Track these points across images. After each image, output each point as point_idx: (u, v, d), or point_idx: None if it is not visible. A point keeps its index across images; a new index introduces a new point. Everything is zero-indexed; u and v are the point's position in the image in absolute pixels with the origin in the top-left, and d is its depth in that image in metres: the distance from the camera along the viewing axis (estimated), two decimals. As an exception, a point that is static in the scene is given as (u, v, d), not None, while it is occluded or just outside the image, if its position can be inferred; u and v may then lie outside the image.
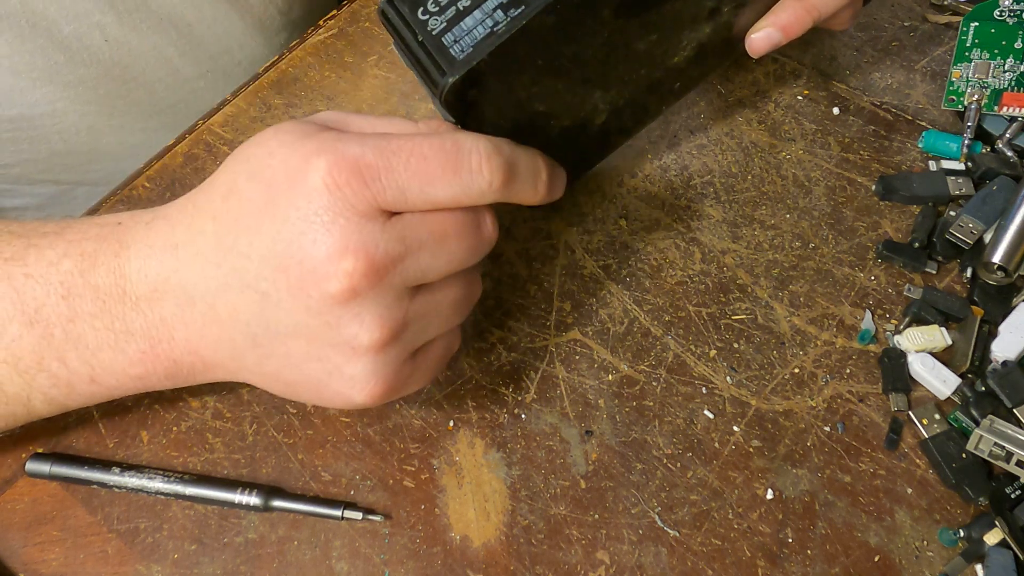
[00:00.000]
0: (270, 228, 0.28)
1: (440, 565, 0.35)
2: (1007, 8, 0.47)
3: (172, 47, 0.50)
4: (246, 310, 0.30)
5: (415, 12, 0.30)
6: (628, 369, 0.40)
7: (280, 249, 0.28)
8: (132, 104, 0.51)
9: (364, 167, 0.28)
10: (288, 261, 0.28)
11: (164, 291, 0.31)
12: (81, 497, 0.36)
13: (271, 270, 0.29)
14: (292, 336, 0.30)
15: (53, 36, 0.45)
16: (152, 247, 0.31)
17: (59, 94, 0.48)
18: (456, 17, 0.30)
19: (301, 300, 0.29)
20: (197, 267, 0.30)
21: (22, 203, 0.55)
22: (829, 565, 0.35)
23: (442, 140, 0.29)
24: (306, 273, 0.28)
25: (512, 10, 0.30)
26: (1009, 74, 0.47)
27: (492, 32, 0.30)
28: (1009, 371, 0.38)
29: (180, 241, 0.31)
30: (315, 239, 0.28)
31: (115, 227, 0.32)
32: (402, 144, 0.28)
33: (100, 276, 0.31)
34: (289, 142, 0.29)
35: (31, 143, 0.50)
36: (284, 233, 0.28)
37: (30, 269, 0.31)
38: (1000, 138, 0.46)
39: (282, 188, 0.28)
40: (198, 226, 0.30)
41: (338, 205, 0.28)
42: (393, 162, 0.28)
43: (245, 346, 0.31)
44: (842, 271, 0.43)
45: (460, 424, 0.38)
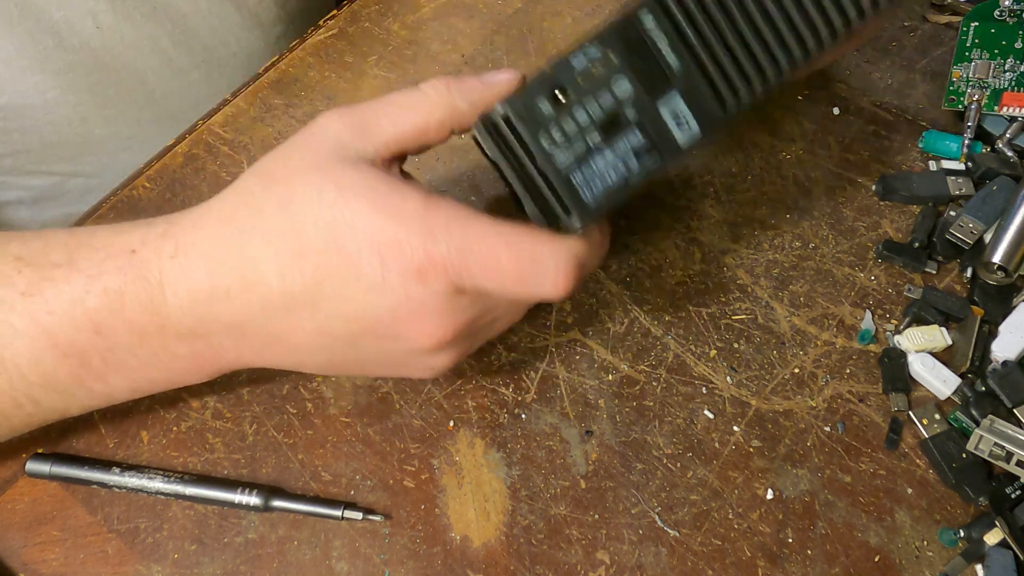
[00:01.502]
0: (364, 299, 0.29)
1: (440, 565, 0.35)
2: (1007, 8, 0.47)
3: (166, 37, 0.50)
4: (317, 345, 0.31)
5: (536, 137, 0.28)
6: (628, 369, 0.40)
7: (373, 313, 0.29)
8: (124, 94, 0.51)
9: (450, 267, 0.29)
10: (381, 326, 0.30)
11: (215, 329, 0.31)
12: (81, 497, 0.36)
13: (359, 327, 0.30)
14: (368, 358, 0.32)
15: (42, 21, 0.45)
16: (196, 292, 0.30)
17: (50, 83, 0.47)
18: (586, 155, 0.28)
19: (383, 351, 0.31)
20: (261, 313, 0.30)
21: (15, 197, 0.55)
22: (829, 565, 0.35)
23: (521, 251, 0.29)
24: (392, 339, 0.30)
25: (646, 159, 0.28)
26: (1009, 74, 0.47)
27: (626, 183, 0.28)
28: (1009, 371, 0.38)
29: (232, 288, 0.30)
30: (405, 319, 0.29)
31: (130, 257, 0.31)
32: (482, 248, 0.29)
33: (133, 313, 0.30)
34: (365, 214, 0.29)
35: (23, 134, 0.50)
36: (379, 307, 0.29)
37: (52, 307, 0.30)
38: (1000, 138, 0.46)
39: (376, 267, 0.29)
40: (260, 278, 0.29)
41: (426, 293, 0.29)
42: (472, 265, 0.29)
43: (311, 361, 0.32)
44: (842, 271, 0.43)
45: (460, 424, 0.38)
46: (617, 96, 0.28)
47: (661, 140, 0.28)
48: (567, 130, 0.28)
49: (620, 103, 0.28)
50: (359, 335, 0.30)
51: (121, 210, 0.44)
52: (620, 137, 0.28)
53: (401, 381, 0.39)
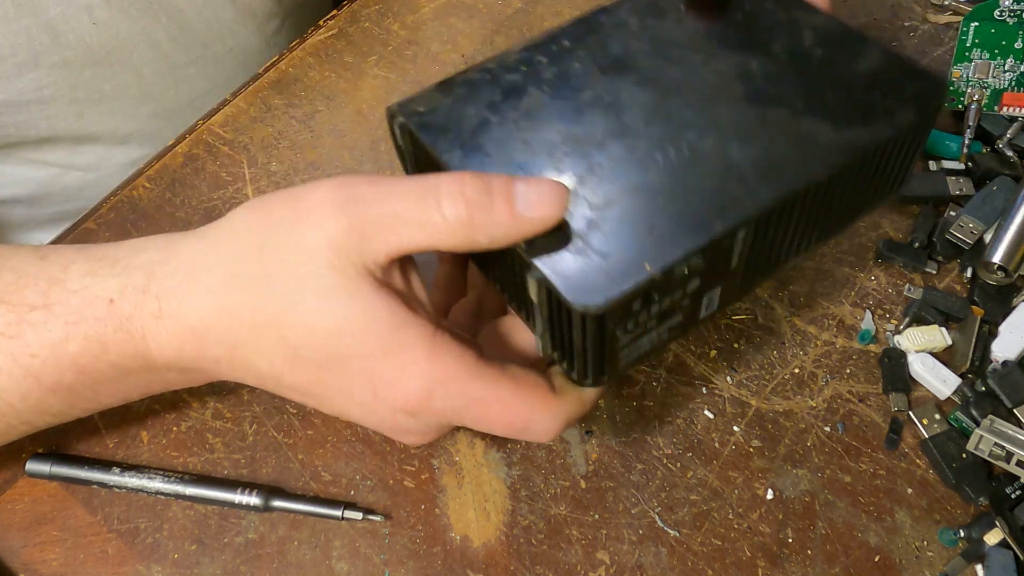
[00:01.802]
0: (346, 407, 0.30)
1: (440, 565, 0.35)
2: (1007, 8, 0.47)
3: (161, 32, 0.50)
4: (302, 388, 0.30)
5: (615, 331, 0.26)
6: (628, 369, 0.40)
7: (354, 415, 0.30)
8: (120, 89, 0.51)
9: (440, 414, 0.29)
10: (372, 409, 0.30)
11: (203, 368, 0.31)
12: (81, 497, 0.36)
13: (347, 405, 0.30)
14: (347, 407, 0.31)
15: (39, 17, 0.45)
16: (181, 352, 0.29)
17: (45, 78, 0.47)
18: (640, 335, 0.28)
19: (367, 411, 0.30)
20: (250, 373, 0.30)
21: (12, 194, 0.55)
22: (829, 565, 0.35)
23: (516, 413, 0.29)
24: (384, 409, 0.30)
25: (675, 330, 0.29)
26: (1009, 74, 0.47)
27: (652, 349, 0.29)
28: (1009, 371, 0.38)
29: (221, 358, 0.29)
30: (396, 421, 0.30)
31: (108, 307, 0.29)
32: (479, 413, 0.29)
33: (116, 357, 0.30)
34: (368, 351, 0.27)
35: (18, 128, 0.50)
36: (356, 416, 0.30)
37: (34, 350, 0.30)
38: (1000, 138, 0.46)
39: (367, 396, 0.28)
40: (249, 360, 0.29)
41: (411, 422, 0.30)
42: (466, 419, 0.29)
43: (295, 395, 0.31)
44: (842, 271, 0.43)
45: (460, 424, 0.38)
46: (687, 291, 0.28)
47: (690, 317, 0.29)
48: (642, 321, 0.27)
49: (684, 297, 0.28)
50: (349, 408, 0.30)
51: (121, 210, 0.44)
52: (668, 319, 0.28)
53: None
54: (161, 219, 0.44)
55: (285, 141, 0.47)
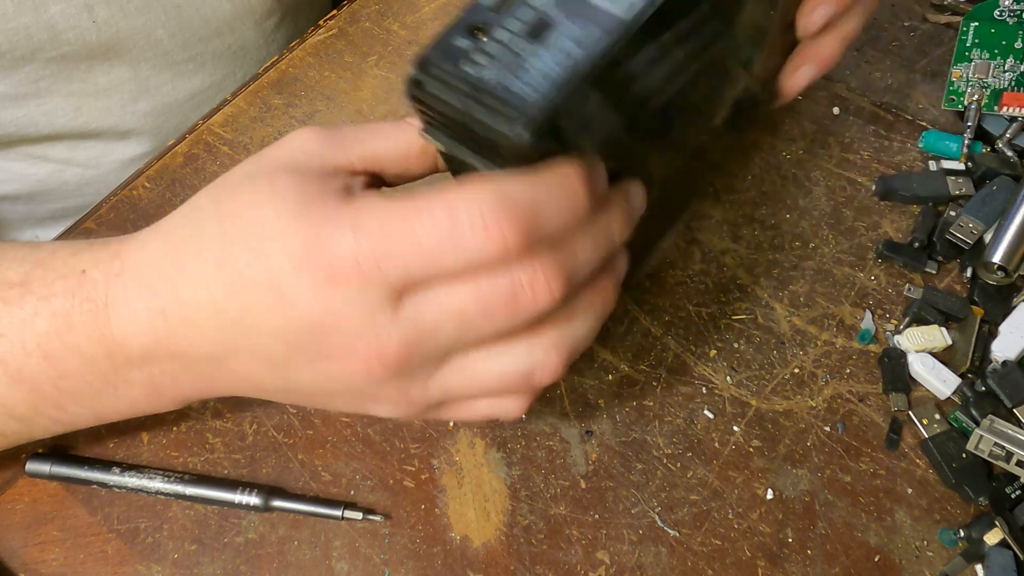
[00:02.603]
0: (282, 311, 0.26)
1: (440, 565, 0.35)
2: (1007, 8, 0.47)
3: (161, 28, 0.50)
4: (262, 370, 0.29)
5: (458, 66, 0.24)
6: (628, 369, 0.40)
7: (293, 329, 0.27)
8: (117, 83, 0.51)
9: (362, 259, 0.25)
10: (303, 341, 0.27)
11: (158, 354, 0.29)
12: (81, 497, 0.36)
13: (284, 346, 0.27)
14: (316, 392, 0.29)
15: (39, 15, 0.45)
16: (134, 309, 0.29)
17: (41, 71, 0.47)
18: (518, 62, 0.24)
19: (321, 371, 0.28)
20: (196, 335, 0.28)
21: (12, 190, 0.55)
22: (829, 565, 0.35)
23: (432, 210, 0.24)
24: (324, 353, 0.27)
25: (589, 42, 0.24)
26: (1009, 74, 0.47)
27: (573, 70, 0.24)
28: (1009, 371, 0.38)
29: (167, 307, 0.28)
30: (329, 331, 0.26)
31: (80, 278, 0.29)
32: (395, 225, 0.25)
33: (80, 338, 0.29)
34: (288, 220, 0.26)
35: (17, 125, 0.50)
36: (297, 318, 0.26)
37: (3, 329, 0.29)
38: (1000, 138, 0.46)
39: (289, 275, 0.26)
40: (186, 293, 0.28)
41: (345, 303, 0.26)
42: (387, 247, 0.25)
43: (266, 390, 0.30)
44: (842, 271, 0.43)
45: (460, 424, 0.38)
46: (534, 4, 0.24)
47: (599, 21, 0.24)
48: (491, 51, 0.24)
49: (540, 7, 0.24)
50: (290, 356, 0.27)
51: (121, 210, 0.44)
52: (552, 34, 0.24)
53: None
54: (161, 219, 0.44)
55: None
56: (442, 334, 0.26)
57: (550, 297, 0.25)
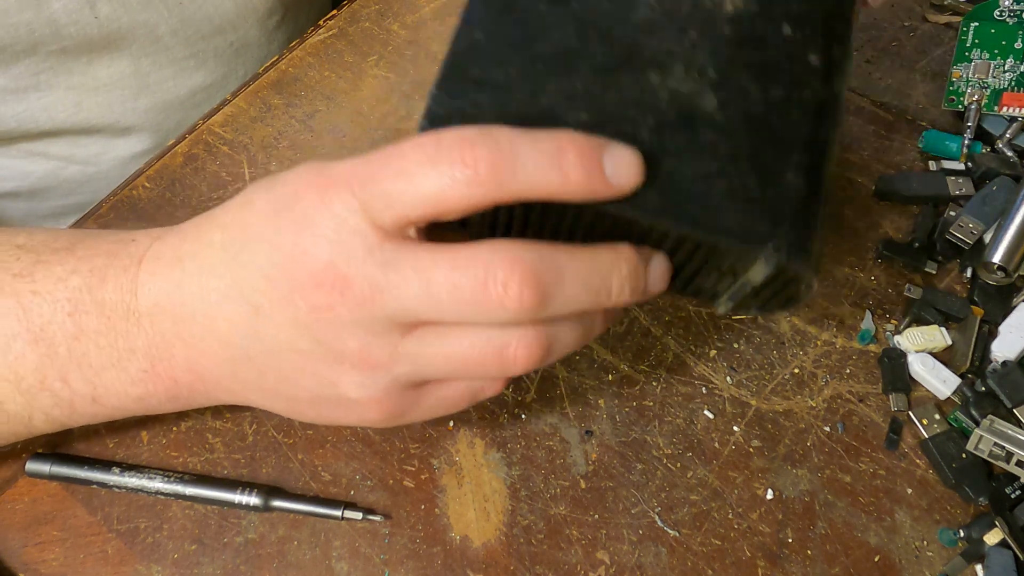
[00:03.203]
0: (271, 237, 0.28)
1: (440, 565, 0.35)
2: (1007, 8, 0.47)
3: (163, 25, 0.50)
4: (241, 324, 0.29)
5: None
6: (628, 369, 0.40)
7: (275, 259, 0.28)
8: (117, 78, 0.51)
9: (352, 177, 0.26)
10: (279, 272, 0.28)
11: (165, 305, 0.31)
12: (81, 497, 0.36)
13: (265, 280, 0.28)
14: (284, 351, 0.29)
15: (41, 11, 0.45)
16: (160, 260, 0.31)
17: (41, 64, 0.47)
18: None
19: (290, 312, 0.28)
20: (200, 280, 0.30)
21: (13, 188, 0.55)
22: (829, 565, 0.35)
23: (424, 137, 0.25)
24: (293, 284, 0.27)
25: None
26: (1009, 74, 0.47)
27: None
28: (1009, 371, 0.38)
29: (187, 253, 0.30)
30: (304, 251, 0.27)
31: (128, 243, 0.32)
32: (388, 149, 0.26)
33: (108, 292, 0.31)
34: (309, 166, 0.28)
35: (19, 121, 0.50)
36: (280, 243, 0.28)
37: (37, 286, 0.31)
38: (1000, 138, 0.46)
39: (287, 201, 0.28)
40: (206, 237, 0.30)
41: (328, 217, 0.27)
42: (375, 167, 0.26)
43: (242, 362, 0.31)
44: (842, 271, 0.43)
45: (460, 424, 0.38)
46: None
47: None
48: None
49: None
50: (264, 299, 0.28)
51: (121, 210, 0.44)
52: None
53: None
54: (161, 219, 0.44)
55: (285, 141, 0.47)
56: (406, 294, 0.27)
57: (529, 363, 0.27)
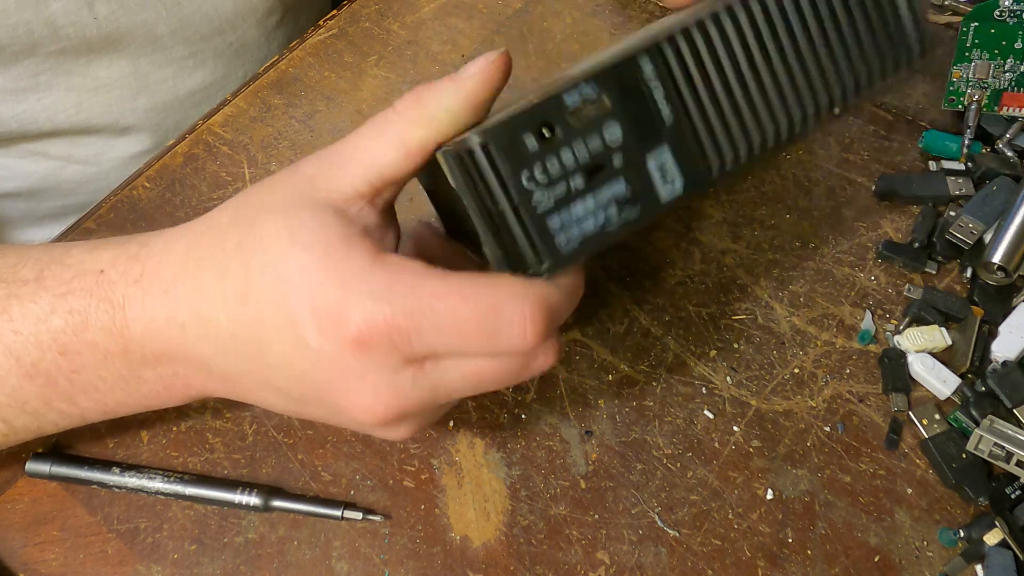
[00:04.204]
0: (301, 364, 0.27)
1: (440, 565, 0.35)
2: (1007, 8, 0.47)
3: (163, 25, 0.50)
4: (273, 397, 0.30)
5: (518, 175, 0.25)
6: (628, 369, 0.40)
7: (312, 379, 0.28)
8: (117, 78, 0.51)
9: (394, 331, 0.26)
10: (323, 393, 0.28)
11: (176, 359, 0.30)
12: (81, 497, 0.36)
13: (301, 389, 0.28)
14: (327, 420, 0.30)
15: (40, 12, 0.45)
16: (154, 319, 0.29)
17: (41, 64, 0.47)
18: (566, 199, 0.26)
19: (334, 417, 0.29)
20: (214, 353, 0.29)
21: (13, 188, 0.55)
22: (829, 565, 0.35)
23: (478, 302, 0.26)
24: (338, 408, 0.28)
25: (627, 210, 0.27)
26: (1009, 74, 0.47)
27: (602, 232, 0.26)
28: (1009, 371, 0.38)
29: (187, 322, 0.29)
30: (346, 389, 0.27)
31: (98, 277, 0.30)
32: (434, 305, 0.26)
33: (96, 335, 0.30)
34: (311, 271, 0.26)
35: (19, 122, 0.50)
36: (317, 374, 0.27)
37: (17, 325, 0.30)
38: (1000, 138, 0.46)
39: (312, 330, 0.26)
40: (208, 314, 0.28)
41: (368, 363, 0.27)
42: (424, 325, 0.26)
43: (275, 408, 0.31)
44: (842, 271, 0.43)
45: (460, 424, 0.38)
46: (607, 141, 0.26)
47: (644, 193, 0.27)
48: (550, 170, 0.26)
49: (608, 149, 0.26)
50: (302, 397, 0.29)
51: (121, 210, 0.44)
52: (604, 184, 0.26)
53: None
54: (161, 219, 0.44)
55: (285, 141, 0.47)
56: (454, 393, 0.28)
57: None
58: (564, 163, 0.26)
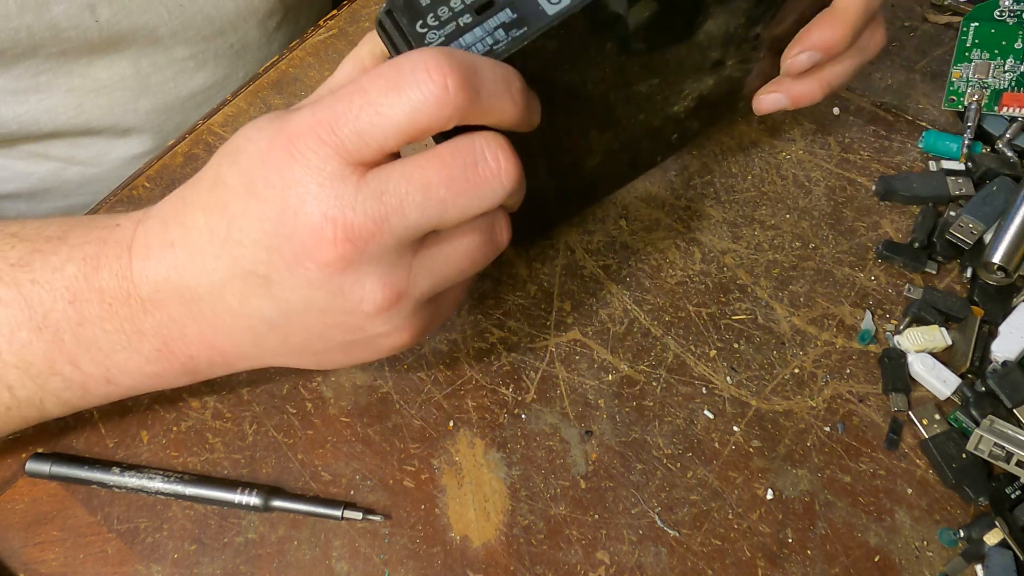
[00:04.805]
0: (255, 209, 0.28)
1: (440, 565, 0.35)
2: (1007, 8, 0.47)
3: (164, 27, 0.50)
4: (254, 296, 0.30)
5: (414, 25, 0.29)
6: (628, 369, 0.40)
7: (268, 228, 0.28)
8: (118, 79, 0.51)
9: (316, 124, 0.27)
10: (277, 240, 0.28)
11: (167, 290, 0.31)
12: (81, 497, 0.36)
13: (265, 251, 0.28)
14: (306, 311, 0.30)
15: (42, 16, 0.45)
16: (150, 247, 0.31)
17: (42, 65, 0.47)
18: (455, 33, 0.29)
19: (301, 275, 0.28)
20: (196, 262, 0.30)
21: (14, 188, 0.55)
22: (829, 565, 0.35)
23: (380, 67, 0.27)
24: (297, 248, 0.28)
25: (514, 31, 0.29)
26: (1009, 74, 0.47)
27: (491, 50, 0.29)
28: (1009, 371, 0.38)
29: (175, 238, 0.31)
30: (295, 212, 0.27)
31: (114, 229, 0.32)
32: (344, 88, 0.27)
33: (104, 279, 0.31)
34: (261, 126, 0.29)
35: (20, 123, 0.50)
36: (267, 212, 0.28)
37: (36, 275, 0.31)
38: (1000, 138, 0.46)
39: (257, 169, 0.28)
40: (190, 221, 0.30)
41: (306, 172, 0.27)
42: (339, 108, 0.27)
43: (263, 331, 0.31)
44: (842, 271, 0.43)
45: (460, 424, 0.38)
46: None
47: (531, 15, 0.29)
48: (441, 15, 0.29)
49: None
50: (271, 263, 0.29)
51: (121, 210, 0.44)
52: (491, 15, 0.29)
53: (401, 381, 0.39)
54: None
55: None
56: (409, 209, 0.27)
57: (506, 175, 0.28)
58: (453, 7, 0.29)
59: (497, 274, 0.42)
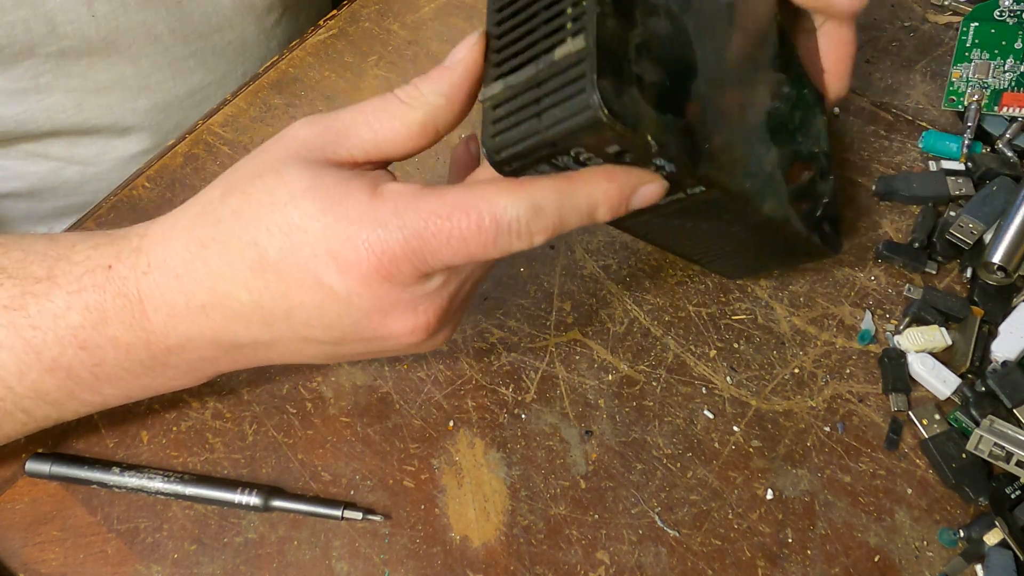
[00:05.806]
0: (335, 308, 0.28)
1: (440, 565, 0.35)
2: (1007, 8, 0.47)
3: (162, 24, 0.50)
4: (310, 349, 0.31)
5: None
6: (628, 369, 0.40)
7: (349, 321, 0.29)
8: (117, 79, 0.51)
9: (410, 253, 0.27)
10: (360, 329, 0.29)
11: (202, 343, 0.30)
12: (81, 497, 0.36)
13: (339, 333, 0.29)
14: (366, 353, 0.32)
15: (37, 9, 0.45)
16: (173, 307, 0.30)
17: (41, 66, 0.47)
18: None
19: (372, 349, 0.31)
20: (241, 328, 0.30)
21: (13, 188, 0.55)
22: (829, 565, 0.35)
23: (480, 218, 0.27)
24: (376, 339, 0.30)
25: None
26: (1009, 74, 0.47)
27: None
28: (1009, 371, 0.38)
29: (205, 303, 0.29)
30: (382, 319, 0.29)
31: (106, 273, 0.30)
32: (440, 227, 0.27)
33: (115, 329, 0.30)
34: (314, 216, 0.27)
35: (19, 122, 0.50)
36: (352, 313, 0.29)
37: (35, 321, 0.30)
38: (1000, 138, 0.46)
39: (333, 276, 0.28)
40: (228, 292, 0.29)
41: (397, 288, 0.28)
42: (434, 245, 0.27)
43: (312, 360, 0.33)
44: (842, 271, 0.43)
45: (460, 424, 0.38)
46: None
47: None
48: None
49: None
50: (342, 339, 0.30)
51: (121, 210, 0.44)
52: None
53: (401, 381, 0.39)
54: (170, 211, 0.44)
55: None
56: (463, 293, 0.31)
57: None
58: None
59: (497, 274, 0.42)
